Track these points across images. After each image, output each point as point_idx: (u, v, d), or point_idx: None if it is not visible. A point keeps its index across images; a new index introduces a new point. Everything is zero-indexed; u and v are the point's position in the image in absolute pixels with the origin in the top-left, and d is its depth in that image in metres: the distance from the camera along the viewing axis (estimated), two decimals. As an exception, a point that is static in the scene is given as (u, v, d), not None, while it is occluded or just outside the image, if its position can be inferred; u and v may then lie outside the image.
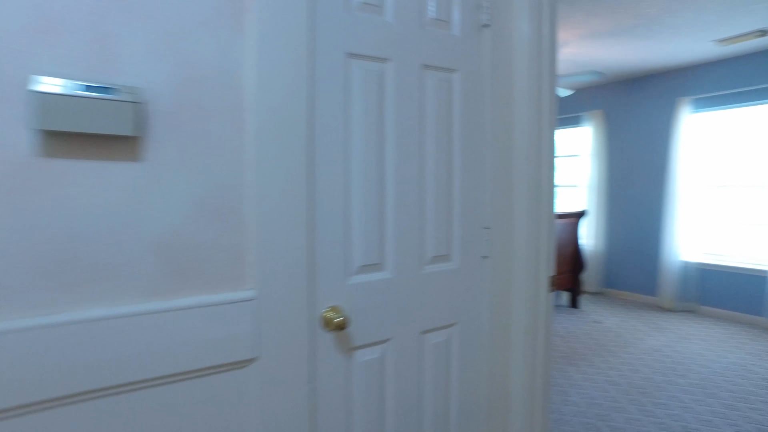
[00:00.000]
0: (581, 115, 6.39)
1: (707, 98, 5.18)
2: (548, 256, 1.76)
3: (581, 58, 5.04)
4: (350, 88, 1.33)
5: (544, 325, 1.74)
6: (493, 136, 1.64)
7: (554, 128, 1.74)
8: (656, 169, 5.65)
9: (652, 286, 5.72)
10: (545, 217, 1.72)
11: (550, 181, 1.73)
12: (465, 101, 1.58)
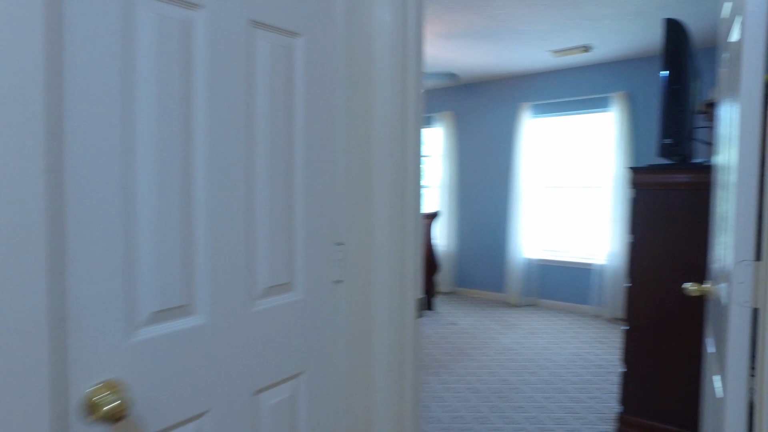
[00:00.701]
0: (432, 115, 6.45)
1: (544, 105, 5.53)
2: (415, 274, 1.46)
3: (435, 60, 5.01)
4: (134, 48, 0.86)
5: (412, 359, 1.43)
6: (347, 127, 1.29)
7: (421, 122, 1.44)
8: (502, 170, 5.90)
9: (500, 283, 5.96)
10: (411, 228, 1.42)
11: (417, 183, 1.43)
12: (312, 77, 1.19)
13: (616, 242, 4.96)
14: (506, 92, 5.84)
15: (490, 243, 6.03)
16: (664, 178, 2.51)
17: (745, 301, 1.04)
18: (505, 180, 5.86)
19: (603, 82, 5.15)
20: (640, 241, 2.60)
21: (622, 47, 4.60)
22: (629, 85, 5.00)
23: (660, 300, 2.54)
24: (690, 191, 2.43)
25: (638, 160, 4.94)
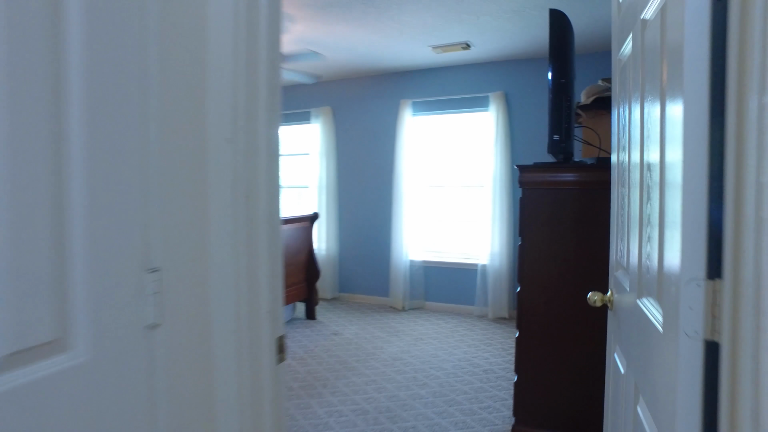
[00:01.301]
0: (309, 111, 6.04)
1: (424, 102, 5.40)
2: (275, 303, 1.07)
3: (310, 46, 4.61)
4: None
5: (273, 424, 1.04)
6: (166, 99, 0.86)
7: (278, 98, 1.06)
8: (383, 169, 5.68)
9: (384, 287, 5.74)
10: (266, 241, 1.03)
11: (273, 181, 1.05)
12: (97, 16, 0.74)
13: (498, 242, 4.98)
14: (387, 88, 5.64)
15: (372, 245, 5.79)
16: (551, 177, 2.39)
17: (695, 331, 0.81)
18: (387, 179, 5.65)
19: (482, 82, 5.16)
20: (529, 244, 2.46)
21: (501, 46, 4.60)
22: (506, 85, 5.05)
23: (550, 305, 2.41)
24: (577, 190, 2.33)
25: (515, 160, 5.00)
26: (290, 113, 6.21)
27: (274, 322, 1.07)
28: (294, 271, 4.87)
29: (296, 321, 5.05)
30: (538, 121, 4.92)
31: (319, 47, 4.62)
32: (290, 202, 6.46)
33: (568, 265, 2.36)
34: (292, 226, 4.80)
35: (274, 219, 1.05)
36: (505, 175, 4.94)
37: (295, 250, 4.87)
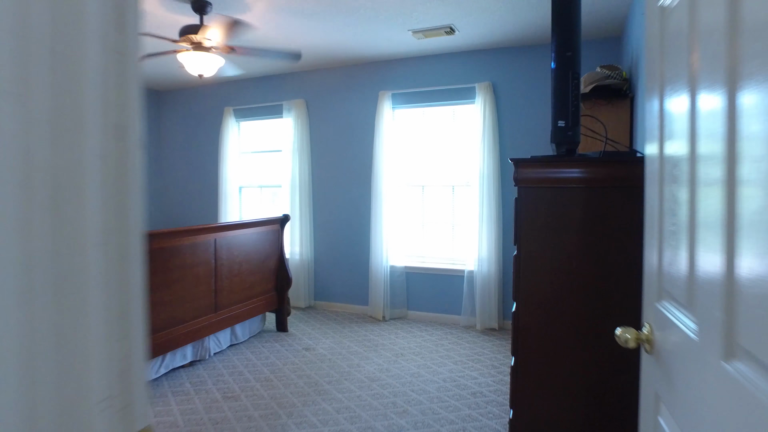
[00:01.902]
0: (281, 104, 5.57)
1: (405, 94, 4.98)
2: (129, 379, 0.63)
3: (277, 34, 4.15)
4: None
5: None
6: None
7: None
8: (361, 167, 5.24)
9: (363, 295, 5.30)
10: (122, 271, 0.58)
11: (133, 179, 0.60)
12: None
13: (486, 246, 4.57)
14: (364, 79, 5.20)
15: (350, 250, 5.35)
16: (552, 173, 1.97)
17: None
18: (365, 178, 5.21)
19: (467, 71, 4.74)
20: (526, 253, 2.04)
21: (488, 32, 4.19)
22: (494, 75, 4.65)
23: (551, 327, 2.00)
24: (583, 189, 1.92)
25: (504, 156, 4.60)
26: (261, 106, 5.73)
27: (124, 419, 0.62)
28: (262, 278, 4.41)
29: (266, 333, 4.58)
30: (528, 115, 4.52)
31: (287, 34, 4.16)
32: (264, 203, 5.98)
33: (573, 279, 1.94)
34: (259, 229, 4.34)
35: (135, 225, 0.60)
36: (493, 172, 4.53)
37: (264, 256, 4.41)
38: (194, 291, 3.63)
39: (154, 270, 3.28)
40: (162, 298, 3.36)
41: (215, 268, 3.83)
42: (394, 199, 5.00)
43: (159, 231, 3.29)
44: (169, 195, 6.57)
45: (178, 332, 3.50)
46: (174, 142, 6.49)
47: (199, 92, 6.23)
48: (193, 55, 3.28)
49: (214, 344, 4.03)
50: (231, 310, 4.02)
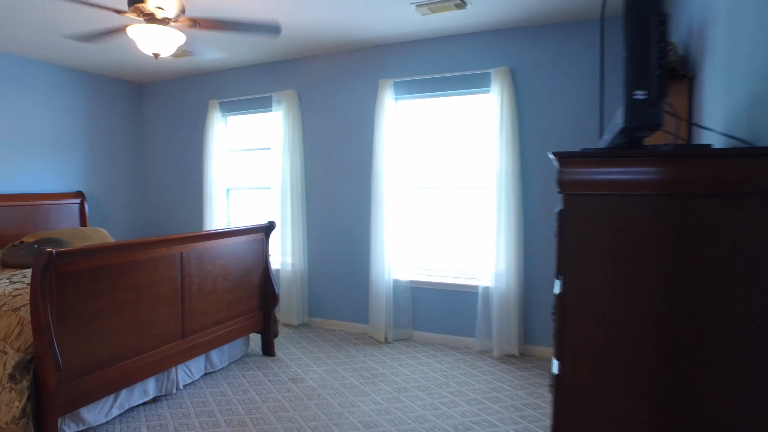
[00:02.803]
0: (271, 95, 4.96)
1: (410, 83, 4.33)
2: None
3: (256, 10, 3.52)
4: None
5: None
6: None
7: None
8: (360, 166, 4.61)
9: (362, 312, 4.67)
10: None
11: None
12: None
13: (505, 258, 3.91)
14: (362, 66, 4.57)
15: (348, 261, 4.72)
16: (620, 174, 1.32)
17: None
18: (365, 179, 4.58)
19: (482, 55, 4.09)
20: (576, 293, 1.39)
21: (504, 6, 3.53)
22: (513, 59, 3.99)
23: (617, 406, 1.35)
24: (671, 198, 1.28)
25: (525, 154, 3.95)
26: (248, 99, 5.12)
27: None
28: (244, 296, 3.79)
29: (249, 358, 3.97)
30: (554, 106, 3.86)
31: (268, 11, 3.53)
32: (255, 206, 5.38)
33: (648, 332, 1.30)
34: (239, 239, 3.72)
35: None
36: (512, 173, 3.87)
37: (245, 270, 3.79)
38: (154, 315, 3.02)
39: (98, 292, 2.67)
40: (110, 326, 2.75)
41: (182, 287, 3.22)
42: (397, 203, 4.37)
43: (104, 245, 2.68)
44: (151, 198, 5.99)
45: (133, 365, 2.89)
46: (156, 140, 5.90)
47: (182, 84, 5.64)
48: (145, 29, 2.68)
49: (185, 375, 3.42)
50: (203, 335, 3.41)
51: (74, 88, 5.17)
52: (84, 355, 2.64)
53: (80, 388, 2.62)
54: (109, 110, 5.56)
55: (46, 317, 2.43)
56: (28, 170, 4.79)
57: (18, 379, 2.54)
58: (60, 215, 4.96)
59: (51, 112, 4.97)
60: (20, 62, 4.71)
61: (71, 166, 5.17)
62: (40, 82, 4.87)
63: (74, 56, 4.71)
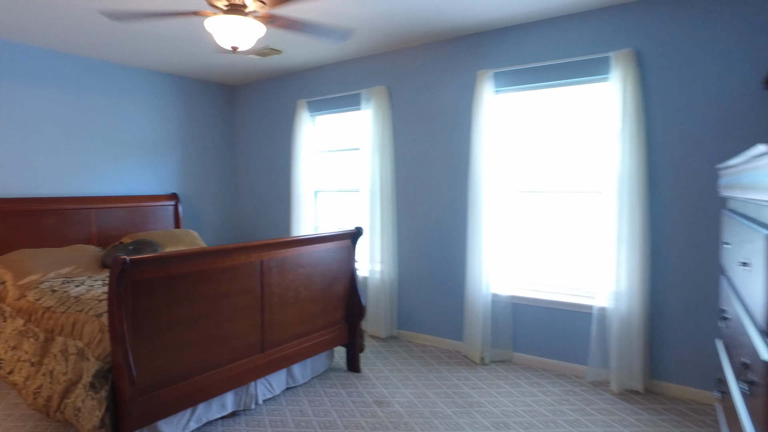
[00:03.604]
0: (360, 92, 4.70)
1: (512, 73, 3.84)
2: None
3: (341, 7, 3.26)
4: None
5: None
6: None
7: None
8: (456, 167, 4.19)
9: (456, 327, 4.24)
10: None
11: None
12: None
13: (626, 275, 3.29)
14: (458, 56, 4.14)
15: (441, 270, 4.32)
16: None
17: None
18: (461, 182, 4.15)
19: (599, 36, 3.50)
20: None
21: (634, -26, 2.94)
22: (637, 40, 3.36)
23: None
24: None
25: (653, 153, 3.30)
26: (337, 97, 4.91)
27: None
28: (329, 307, 3.54)
29: (333, 373, 3.72)
30: (691, 95, 3.18)
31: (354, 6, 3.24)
32: (344, 210, 5.16)
33: None
34: (325, 246, 3.48)
35: None
36: (636, 175, 3.25)
37: (329, 279, 3.54)
38: (232, 327, 2.84)
39: (173, 302, 2.52)
40: (186, 338, 2.60)
41: (262, 298, 3.02)
42: (497, 208, 3.89)
43: (179, 252, 2.53)
44: (241, 200, 6.01)
45: (209, 379, 2.73)
46: (246, 142, 5.92)
47: (271, 84, 5.58)
48: (224, 21, 2.49)
49: (264, 389, 3.23)
50: (284, 348, 3.19)
51: (170, 93, 5.29)
52: (159, 368, 2.50)
53: (156, 401, 2.49)
54: (202, 113, 5.64)
55: (122, 327, 2.31)
56: (129, 172, 4.95)
57: (97, 388, 2.45)
58: (156, 217, 5.08)
59: (149, 117, 5.11)
60: (123, 70, 4.88)
61: (167, 168, 5.29)
62: (140, 88, 5.02)
63: (170, 61, 4.78)
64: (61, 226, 4.35)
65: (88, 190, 4.64)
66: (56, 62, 4.39)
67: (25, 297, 3.38)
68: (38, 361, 2.95)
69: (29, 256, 3.79)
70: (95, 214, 4.58)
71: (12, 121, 4.15)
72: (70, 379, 2.64)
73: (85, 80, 4.59)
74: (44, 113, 4.33)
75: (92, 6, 3.30)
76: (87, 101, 4.61)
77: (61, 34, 3.94)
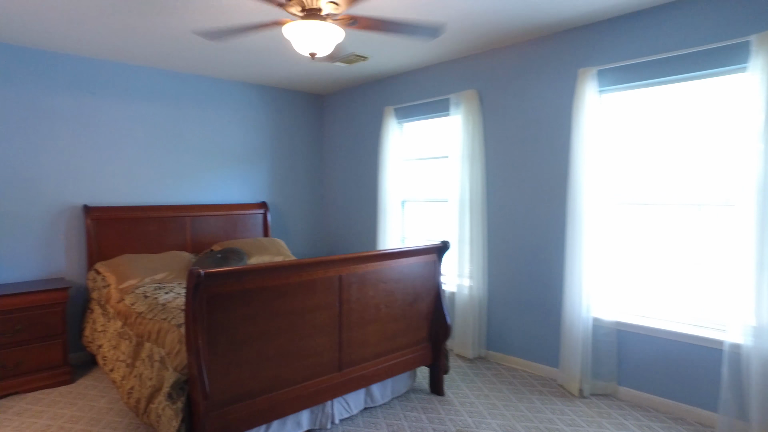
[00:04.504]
0: (449, 97, 4.45)
1: (620, 69, 3.39)
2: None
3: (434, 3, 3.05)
4: None
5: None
6: None
7: None
8: (553, 176, 3.81)
9: (552, 352, 3.84)
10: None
11: None
12: None
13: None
14: (556, 55, 3.76)
15: (535, 288, 3.93)
16: None
17: None
18: (558, 192, 3.76)
19: (732, 18, 2.97)
20: None
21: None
22: (786, 22, 2.79)
23: None
24: None
25: (807, 155, 2.71)
26: (425, 103, 4.71)
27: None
28: (412, 326, 3.34)
29: (414, 395, 3.50)
30: None
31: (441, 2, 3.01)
32: (432, 221, 4.94)
33: None
34: (409, 261, 3.28)
35: None
36: (783, 183, 2.68)
37: (413, 296, 3.33)
38: (309, 343, 2.73)
39: (249, 317, 2.45)
40: (261, 353, 2.52)
41: (340, 314, 2.88)
42: (600, 222, 3.45)
43: (255, 266, 2.45)
44: (329, 210, 6.00)
45: (284, 396, 2.63)
46: (334, 151, 5.90)
47: (358, 92, 5.51)
48: (301, 26, 2.38)
49: (341, 408, 3.08)
50: (363, 367, 3.03)
51: (261, 103, 5.41)
52: (234, 383, 2.43)
53: (230, 416, 2.43)
54: (291, 122, 5.71)
55: (197, 340, 2.27)
56: (221, 181, 5.12)
57: (174, 398, 2.43)
58: (246, 225, 5.19)
59: (241, 127, 5.25)
60: (216, 83, 5.06)
61: (257, 177, 5.40)
62: (233, 99, 5.18)
63: (260, 73, 4.87)
64: (159, 233, 4.57)
65: (185, 199, 4.85)
66: (156, 78, 4.64)
67: (123, 301, 3.54)
68: (131, 363, 3.04)
69: (130, 262, 3.99)
70: (190, 221, 4.77)
71: (118, 135, 4.43)
72: (154, 385, 2.68)
73: (182, 94, 4.81)
74: (146, 127, 4.59)
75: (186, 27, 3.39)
76: (184, 114, 4.83)
77: (160, 53, 4.13)
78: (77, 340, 4.23)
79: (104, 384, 3.75)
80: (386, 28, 2.64)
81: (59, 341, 3.72)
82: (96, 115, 4.31)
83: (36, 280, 4.00)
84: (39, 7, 3.10)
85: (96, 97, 4.30)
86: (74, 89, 4.19)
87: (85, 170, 4.26)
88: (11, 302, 3.50)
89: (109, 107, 4.37)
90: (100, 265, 4.07)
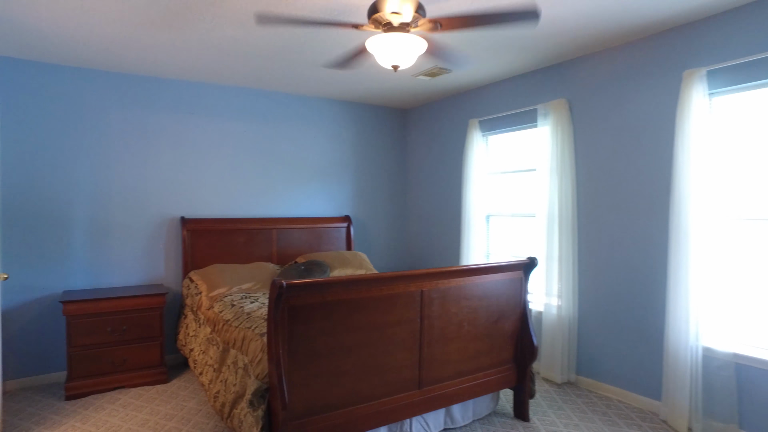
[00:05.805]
0: (536, 108, 4.26)
1: (733, 68, 3.05)
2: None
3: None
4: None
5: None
6: None
7: None
8: (653, 189, 3.49)
9: (652, 383, 3.48)
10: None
11: None
12: None
13: None
14: (656, 57, 3.46)
15: (632, 310, 3.60)
16: None
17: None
18: (660, 206, 3.43)
19: None
20: None
21: None
22: None
23: None
24: None
25: None
26: (511, 114, 4.55)
27: None
28: (495, 345, 3.18)
29: (497, 418, 3.31)
30: None
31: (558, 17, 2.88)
32: (518, 237, 4.74)
33: None
34: (493, 278, 3.14)
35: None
36: None
37: (498, 314, 3.18)
38: (388, 359, 2.67)
39: (328, 329, 2.45)
40: (339, 367, 2.50)
41: (421, 330, 2.80)
42: (711, 239, 3.10)
43: (336, 279, 2.45)
44: (412, 224, 5.95)
45: (361, 411, 2.59)
46: (417, 165, 5.87)
47: (442, 105, 5.45)
48: (383, 39, 2.37)
49: (420, 427, 2.98)
50: (443, 386, 2.92)
51: (345, 119, 5.52)
52: (312, 395, 2.43)
53: (308, 428, 2.42)
54: (375, 137, 5.77)
55: (278, 350, 2.29)
56: (307, 195, 5.26)
57: (255, 406, 2.47)
58: (330, 238, 5.28)
59: (326, 142, 5.39)
60: (303, 100, 5.24)
61: (341, 191, 5.50)
62: (318, 115, 5.33)
63: (346, 89, 4.97)
64: (247, 244, 4.77)
65: (272, 212, 5.03)
66: (248, 98, 4.89)
67: (212, 308, 3.71)
68: (218, 368, 3.16)
69: (220, 271, 4.19)
70: (276, 234, 4.94)
71: (211, 151, 4.71)
72: (237, 391, 2.75)
73: (270, 112, 5.03)
74: (237, 143, 4.84)
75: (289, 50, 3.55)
76: (272, 131, 5.04)
77: (252, 74, 4.35)
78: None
79: (194, 386, 3.94)
80: (475, 23, 2.51)
81: (157, 343, 3.97)
82: (193, 134, 4.62)
83: (139, 285, 4.32)
84: (146, 42, 3.37)
85: (194, 117, 4.62)
86: (175, 110, 4.53)
87: (182, 184, 4.57)
88: (121, 304, 3.82)
89: (204, 126, 4.67)
90: (194, 273, 4.31)
